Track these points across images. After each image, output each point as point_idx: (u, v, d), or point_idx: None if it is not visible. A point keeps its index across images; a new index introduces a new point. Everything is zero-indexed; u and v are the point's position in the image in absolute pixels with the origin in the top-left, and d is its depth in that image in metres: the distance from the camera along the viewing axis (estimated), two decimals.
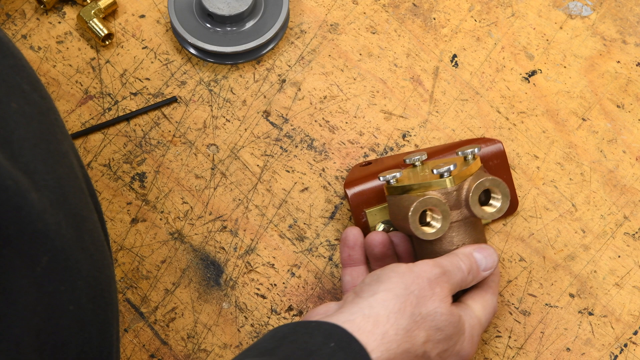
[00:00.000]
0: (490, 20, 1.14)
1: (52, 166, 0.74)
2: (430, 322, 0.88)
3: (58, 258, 0.72)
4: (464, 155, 0.97)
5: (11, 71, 0.76)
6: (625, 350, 1.03)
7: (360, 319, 0.85)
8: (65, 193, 0.74)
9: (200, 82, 1.12)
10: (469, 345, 0.92)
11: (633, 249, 1.06)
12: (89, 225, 0.76)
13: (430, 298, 0.89)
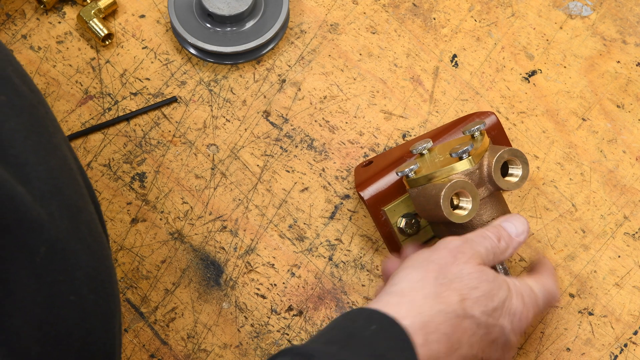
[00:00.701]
0: (490, 20, 1.14)
1: (44, 158, 0.74)
2: (459, 283, 0.88)
3: (55, 248, 0.72)
4: (471, 133, 0.98)
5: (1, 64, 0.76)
6: (625, 350, 1.03)
7: (387, 297, 0.87)
8: (59, 184, 0.74)
9: (200, 82, 1.12)
10: (520, 304, 0.91)
11: (633, 249, 1.06)
12: (85, 216, 0.76)
13: (453, 264, 0.89)
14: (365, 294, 1.05)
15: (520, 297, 0.91)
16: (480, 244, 0.92)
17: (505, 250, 0.94)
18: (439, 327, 0.86)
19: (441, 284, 0.88)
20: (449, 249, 0.90)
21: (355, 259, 1.06)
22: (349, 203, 1.08)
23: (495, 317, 0.89)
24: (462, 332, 0.87)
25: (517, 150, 0.97)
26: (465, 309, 0.88)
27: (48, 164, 0.74)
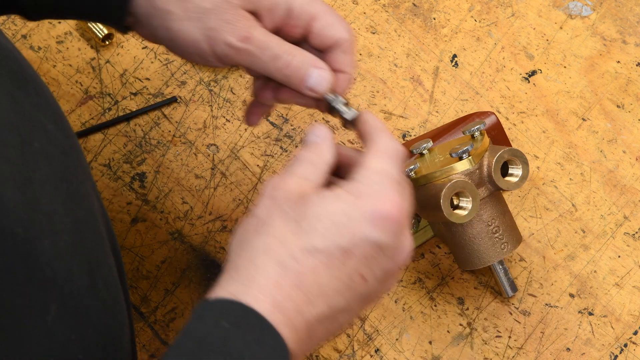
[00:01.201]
0: (490, 20, 1.14)
1: (72, 209, 0.72)
2: (284, 223, 0.75)
3: (67, 306, 0.70)
4: (471, 133, 0.98)
5: (35, 110, 0.74)
6: (625, 350, 1.03)
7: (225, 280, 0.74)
8: (82, 237, 0.72)
9: (200, 82, 1.12)
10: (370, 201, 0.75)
11: (633, 249, 1.06)
12: (104, 270, 0.74)
13: (272, 205, 0.76)
14: None
15: (368, 195, 0.75)
16: (290, 166, 0.78)
17: (321, 154, 0.79)
18: (280, 283, 0.72)
19: (264, 233, 0.74)
20: (265, 193, 0.77)
21: None
22: None
23: (347, 234, 0.74)
24: (312, 274, 0.73)
25: (517, 150, 0.97)
26: (302, 246, 0.73)
27: (75, 216, 0.72)
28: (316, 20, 0.86)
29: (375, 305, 1.05)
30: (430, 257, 1.06)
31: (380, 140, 0.79)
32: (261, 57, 0.84)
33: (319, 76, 0.85)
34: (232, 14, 0.83)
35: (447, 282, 1.05)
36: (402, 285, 1.05)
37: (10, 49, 0.74)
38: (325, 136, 0.80)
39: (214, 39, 0.83)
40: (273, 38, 0.85)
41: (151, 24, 0.84)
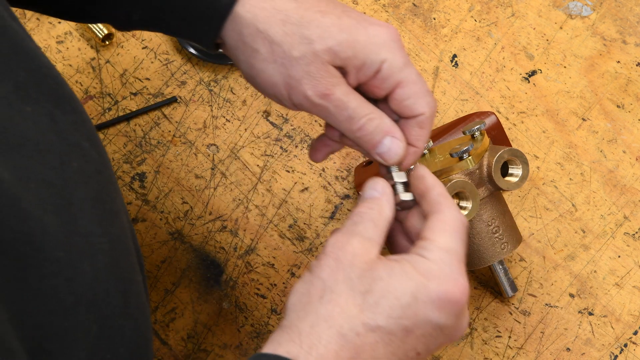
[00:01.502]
0: (490, 20, 1.14)
1: (107, 228, 0.72)
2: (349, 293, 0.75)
3: (104, 326, 0.70)
4: (472, 133, 0.98)
5: (72, 128, 0.74)
6: (625, 350, 1.03)
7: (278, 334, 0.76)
8: (117, 257, 0.72)
9: (200, 82, 1.12)
10: (439, 284, 0.76)
11: (633, 249, 1.06)
12: (135, 288, 0.74)
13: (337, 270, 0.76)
14: None
15: (437, 277, 0.76)
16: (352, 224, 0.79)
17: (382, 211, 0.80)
18: (339, 355, 0.74)
19: (328, 301, 0.75)
20: (327, 252, 0.77)
21: None
22: (349, 203, 1.08)
23: (411, 315, 0.75)
24: (371, 349, 0.75)
25: (517, 150, 0.97)
26: (365, 322, 0.74)
27: (110, 235, 0.72)
28: (401, 87, 0.83)
29: None
30: None
31: (447, 211, 0.80)
32: (337, 116, 0.83)
33: (392, 146, 0.84)
34: (316, 67, 0.82)
35: None
36: None
37: (50, 67, 0.74)
38: (385, 191, 0.81)
39: (293, 87, 0.82)
40: (353, 99, 0.83)
41: (236, 56, 0.84)
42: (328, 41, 0.81)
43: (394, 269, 0.76)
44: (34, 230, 0.67)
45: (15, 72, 0.72)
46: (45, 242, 0.67)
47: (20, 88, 0.71)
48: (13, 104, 0.70)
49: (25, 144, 0.69)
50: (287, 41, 0.82)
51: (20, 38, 0.73)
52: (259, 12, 0.82)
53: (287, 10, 0.82)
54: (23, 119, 0.70)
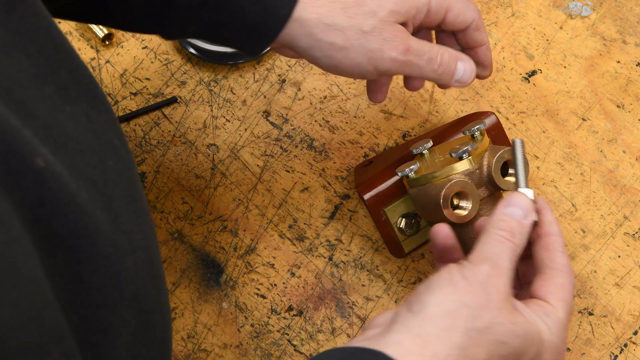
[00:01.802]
0: (490, 20, 1.14)
1: (141, 225, 0.74)
2: (489, 336, 0.78)
3: (142, 321, 0.72)
4: (472, 133, 0.98)
5: (106, 127, 0.75)
6: (625, 350, 1.03)
7: (409, 342, 0.78)
8: (151, 253, 0.74)
9: (200, 82, 1.12)
10: (552, 356, 0.81)
11: (633, 249, 1.06)
12: (163, 284, 0.76)
13: (487, 307, 0.79)
14: (365, 294, 1.05)
15: (552, 350, 0.82)
16: (504, 258, 0.82)
17: (521, 240, 0.83)
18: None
19: (470, 337, 0.77)
20: (482, 282, 0.79)
21: (355, 259, 1.06)
22: (349, 203, 1.08)
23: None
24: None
25: None
26: (489, 350, 0.78)
27: (144, 232, 0.74)
28: (450, 11, 0.94)
29: (376, 306, 1.05)
30: (430, 257, 1.06)
31: (567, 277, 0.84)
32: (419, 63, 0.92)
33: (465, 68, 0.94)
34: (389, 31, 0.90)
35: None
36: (402, 285, 1.06)
37: (85, 67, 0.76)
38: (528, 217, 0.84)
39: (377, 58, 0.90)
40: (423, 43, 0.92)
41: (312, 55, 0.91)
42: (387, 5, 0.90)
43: (530, 332, 0.80)
44: (89, 225, 0.68)
45: (57, 72, 0.73)
46: (98, 238, 0.68)
47: (62, 88, 0.73)
48: (56, 105, 0.72)
49: (69, 143, 0.71)
50: (355, 23, 0.90)
51: (63, 39, 0.75)
52: (320, 10, 0.89)
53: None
54: (65, 119, 0.72)
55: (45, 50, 0.73)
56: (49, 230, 0.66)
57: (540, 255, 0.85)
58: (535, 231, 0.86)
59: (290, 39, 0.90)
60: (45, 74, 0.72)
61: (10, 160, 0.64)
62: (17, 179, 0.65)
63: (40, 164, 0.66)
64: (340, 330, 1.05)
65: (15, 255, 0.62)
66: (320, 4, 0.90)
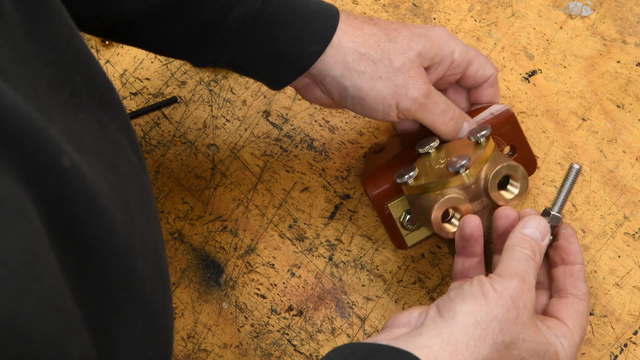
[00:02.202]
0: (490, 20, 1.14)
1: (152, 229, 0.76)
2: (514, 351, 0.83)
3: (150, 323, 0.73)
4: (476, 139, 0.97)
5: (118, 133, 0.77)
6: (625, 350, 1.03)
7: (439, 347, 0.80)
8: (159, 257, 0.75)
9: (200, 82, 1.12)
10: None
11: (633, 249, 1.06)
12: (169, 287, 0.77)
13: (515, 322, 0.83)
14: (366, 294, 1.05)
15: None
16: (530, 275, 0.86)
17: (539, 258, 0.89)
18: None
19: (497, 349, 0.82)
20: (512, 296, 0.84)
21: (355, 259, 1.06)
22: (349, 203, 1.08)
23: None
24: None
25: (517, 166, 0.95)
26: None
27: (154, 236, 0.76)
28: (471, 65, 1.00)
29: (376, 306, 1.05)
30: (430, 257, 1.06)
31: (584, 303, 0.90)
32: (434, 111, 0.97)
33: (469, 130, 0.99)
34: (415, 71, 0.95)
35: (447, 282, 1.05)
36: (402, 285, 1.06)
37: (102, 73, 0.77)
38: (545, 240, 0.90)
39: (401, 95, 0.95)
40: (440, 94, 0.97)
41: (341, 84, 0.95)
42: (416, 47, 0.95)
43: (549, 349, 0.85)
44: (105, 226, 0.69)
45: (73, 79, 0.74)
46: (112, 239, 0.69)
47: (75, 95, 0.74)
48: (69, 111, 0.73)
49: (86, 148, 0.72)
50: (386, 57, 0.94)
51: (83, 47, 0.76)
52: (357, 40, 0.94)
53: (374, 34, 0.95)
54: (78, 125, 0.73)
55: (64, 58, 0.74)
56: (64, 228, 0.67)
57: (563, 280, 0.91)
58: (560, 256, 0.91)
59: (324, 67, 0.94)
60: (60, 81, 0.73)
61: (38, 157, 0.65)
62: (41, 176, 0.65)
63: (67, 163, 0.67)
64: (340, 330, 1.05)
65: (36, 246, 0.63)
66: (357, 34, 0.94)
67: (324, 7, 0.94)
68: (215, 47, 0.93)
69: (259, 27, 0.92)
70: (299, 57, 0.94)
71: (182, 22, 0.91)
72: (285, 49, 0.93)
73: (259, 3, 0.91)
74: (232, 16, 0.91)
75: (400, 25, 0.97)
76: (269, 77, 0.96)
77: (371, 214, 1.07)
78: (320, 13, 0.93)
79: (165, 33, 0.93)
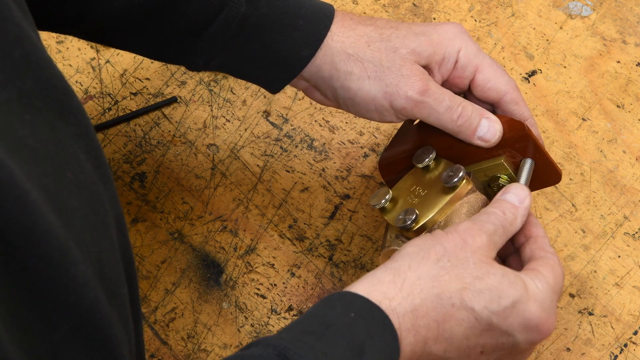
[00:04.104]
0: (490, 20, 1.14)
1: (96, 239, 0.75)
2: (463, 270, 0.82)
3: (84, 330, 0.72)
4: (451, 185, 0.91)
5: (71, 139, 0.76)
6: (625, 350, 1.03)
7: (382, 272, 0.82)
8: (104, 267, 0.74)
9: (200, 82, 1.12)
10: (538, 311, 0.83)
11: (633, 249, 1.06)
12: (119, 300, 0.76)
13: (462, 249, 0.83)
14: None
15: (538, 303, 0.83)
16: (487, 221, 0.86)
17: (514, 221, 0.87)
18: (429, 313, 0.81)
19: (442, 266, 0.82)
20: (459, 231, 0.84)
21: (355, 259, 1.06)
22: (349, 203, 1.08)
23: (502, 318, 0.82)
24: (455, 323, 0.82)
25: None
26: (464, 299, 0.81)
27: (99, 246, 0.75)
28: (480, 72, 0.94)
29: None
30: None
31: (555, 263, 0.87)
32: (437, 108, 0.91)
33: (489, 126, 0.93)
34: (408, 68, 0.91)
35: None
36: None
37: (61, 78, 0.76)
38: (525, 203, 0.89)
39: (393, 94, 0.91)
40: (446, 91, 0.92)
41: (331, 85, 0.93)
42: (410, 44, 0.92)
43: (508, 274, 0.83)
44: (36, 225, 0.68)
45: (21, 80, 0.73)
46: (43, 240, 0.69)
47: (24, 96, 0.73)
48: (13, 111, 0.72)
49: (22, 149, 0.71)
50: (376, 56, 0.91)
51: (35, 48, 0.75)
52: (346, 40, 0.92)
53: (367, 34, 0.92)
54: (22, 126, 0.72)
55: (10, 57, 0.73)
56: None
57: (530, 249, 0.89)
58: (522, 234, 0.90)
59: (315, 70, 0.93)
60: (5, 80, 0.72)
61: None
62: None
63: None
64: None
65: None
66: (347, 35, 0.92)
67: (317, 9, 0.93)
68: (204, 50, 0.92)
69: (247, 30, 0.91)
70: (290, 61, 0.93)
71: (169, 23, 0.91)
72: (276, 53, 0.92)
73: (244, 7, 0.90)
74: (218, 19, 0.91)
75: (400, 24, 0.94)
76: (263, 80, 0.95)
77: (371, 214, 1.07)
78: (314, 15, 0.93)
79: (153, 35, 0.93)
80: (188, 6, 0.90)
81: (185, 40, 0.92)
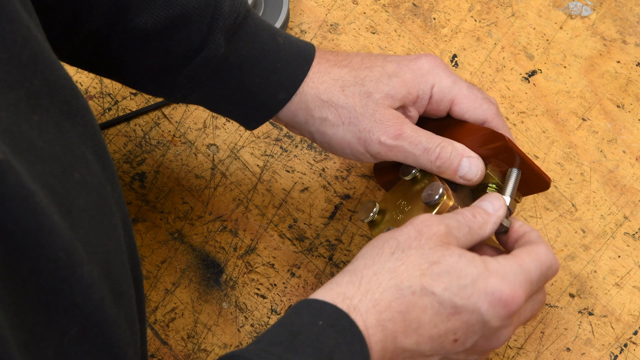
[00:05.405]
0: (490, 20, 1.14)
1: (103, 240, 0.75)
2: (418, 257, 0.82)
3: (91, 332, 0.72)
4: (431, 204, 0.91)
5: (78, 140, 0.76)
6: (625, 350, 1.03)
7: (339, 276, 0.84)
8: (110, 268, 0.75)
9: None
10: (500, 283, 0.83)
11: (633, 249, 1.06)
12: (125, 301, 0.76)
13: (415, 239, 0.83)
14: None
15: (499, 276, 0.83)
16: (450, 217, 0.86)
17: (483, 225, 0.87)
18: (391, 305, 0.81)
19: (397, 258, 0.83)
20: (413, 223, 0.85)
21: None
22: (349, 203, 1.08)
23: (465, 297, 0.82)
24: (420, 311, 0.82)
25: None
26: (424, 284, 0.81)
27: (105, 247, 0.75)
28: (456, 104, 0.94)
29: None
30: None
31: (541, 247, 0.87)
32: (413, 151, 0.92)
33: (470, 165, 0.93)
34: (381, 114, 0.91)
35: None
36: None
37: (68, 79, 0.77)
38: (498, 212, 0.89)
39: (367, 139, 0.92)
40: (422, 132, 0.92)
41: (307, 130, 0.94)
42: (383, 88, 0.92)
43: (465, 254, 0.83)
44: (42, 225, 0.68)
45: (30, 81, 0.73)
46: (50, 240, 0.69)
47: (32, 97, 0.73)
48: (22, 112, 0.72)
49: (30, 150, 0.71)
50: (350, 102, 0.92)
51: (43, 49, 0.75)
52: (320, 87, 0.93)
53: (342, 77, 0.93)
54: (29, 127, 0.72)
55: (19, 58, 0.73)
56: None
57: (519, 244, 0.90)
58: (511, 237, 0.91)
59: (291, 114, 0.94)
60: (14, 81, 0.72)
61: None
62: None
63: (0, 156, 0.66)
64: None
65: None
66: (322, 81, 0.93)
67: (297, 52, 0.94)
68: (182, 85, 0.93)
69: (225, 70, 0.92)
70: (267, 103, 0.94)
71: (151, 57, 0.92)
72: (252, 94, 0.93)
73: (223, 49, 0.91)
74: (198, 58, 0.91)
75: (374, 62, 0.94)
76: (239, 118, 0.96)
77: None
78: (292, 59, 0.93)
79: (132, 70, 0.93)
80: (171, 42, 0.91)
81: (165, 74, 0.93)
